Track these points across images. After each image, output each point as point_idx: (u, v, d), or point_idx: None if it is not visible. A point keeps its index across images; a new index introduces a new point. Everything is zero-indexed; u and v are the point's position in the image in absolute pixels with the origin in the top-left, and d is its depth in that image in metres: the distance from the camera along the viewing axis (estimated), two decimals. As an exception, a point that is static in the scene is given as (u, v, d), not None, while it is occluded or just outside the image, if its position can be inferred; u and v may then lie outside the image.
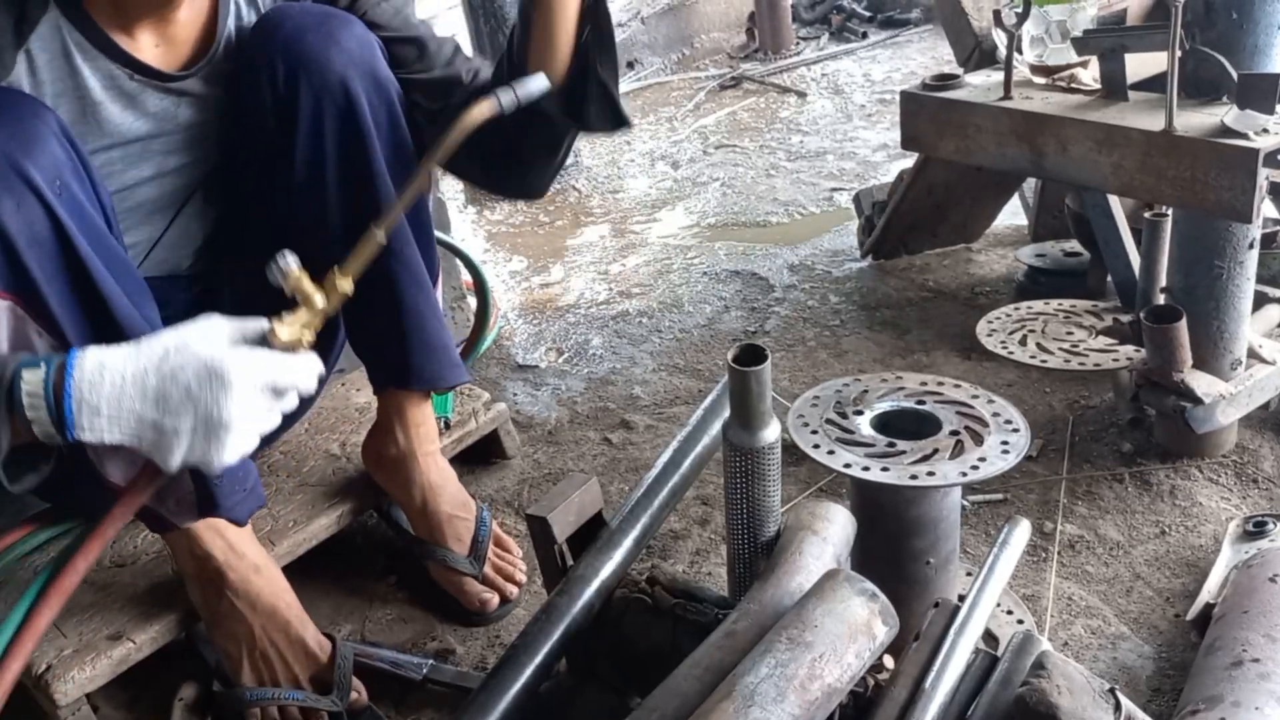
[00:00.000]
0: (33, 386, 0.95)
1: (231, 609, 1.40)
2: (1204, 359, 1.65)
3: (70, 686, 1.34)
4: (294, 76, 1.31)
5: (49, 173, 1.09)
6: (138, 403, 0.96)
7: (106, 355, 0.98)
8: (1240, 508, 1.64)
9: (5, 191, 1.05)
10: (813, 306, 2.48)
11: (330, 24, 1.33)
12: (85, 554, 1.15)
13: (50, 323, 1.10)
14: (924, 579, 1.30)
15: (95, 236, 1.14)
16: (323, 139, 1.33)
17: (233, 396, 0.97)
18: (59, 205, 1.09)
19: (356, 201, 1.37)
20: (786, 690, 0.91)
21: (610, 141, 4.00)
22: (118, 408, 0.96)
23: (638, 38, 4.94)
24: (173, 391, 0.97)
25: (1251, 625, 1.24)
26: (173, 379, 0.97)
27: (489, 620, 1.57)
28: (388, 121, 1.36)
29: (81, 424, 0.95)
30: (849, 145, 3.65)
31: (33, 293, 1.09)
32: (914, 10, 5.20)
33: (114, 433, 0.97)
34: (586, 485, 1.27)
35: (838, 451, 1.23)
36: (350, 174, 1.35)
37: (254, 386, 0.99)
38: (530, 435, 2.06)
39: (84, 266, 1.12)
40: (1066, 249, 2.38)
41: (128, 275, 1.20)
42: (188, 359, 0.97)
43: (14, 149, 1.06)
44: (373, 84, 1.34)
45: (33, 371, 0.95)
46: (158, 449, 0.99)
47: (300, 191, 1.36)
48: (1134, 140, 1.48)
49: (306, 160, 1.34)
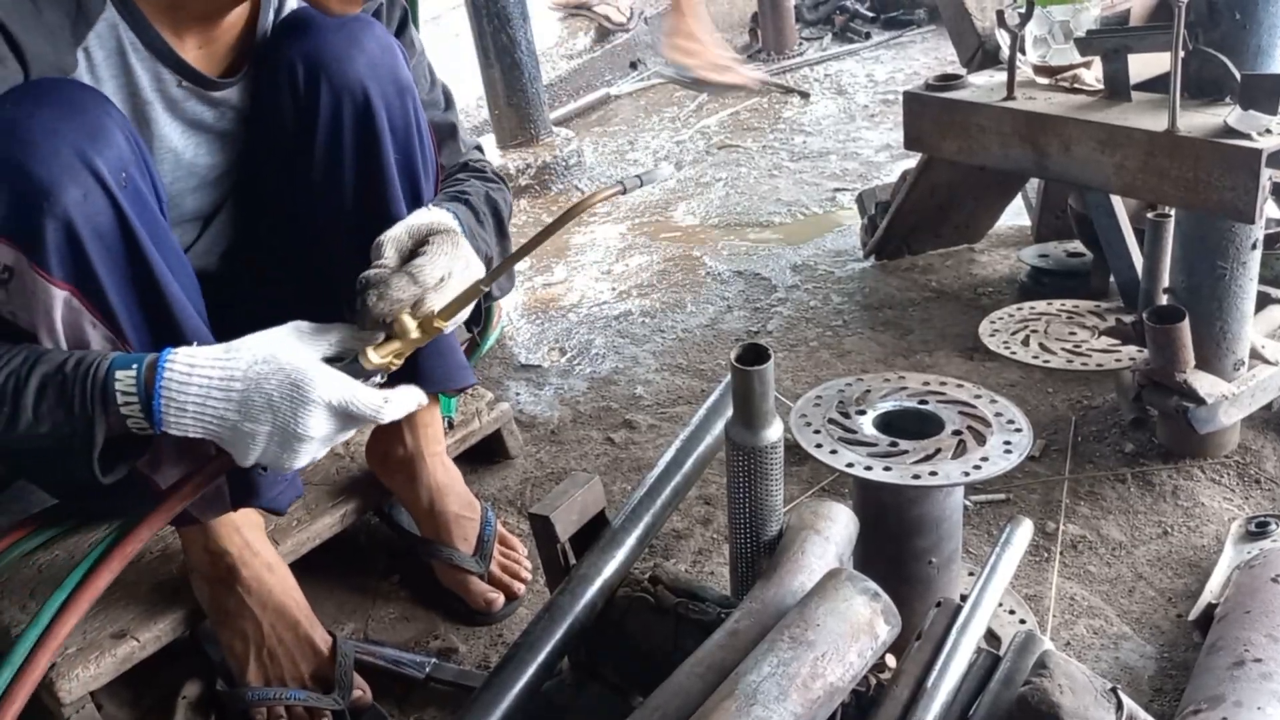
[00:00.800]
0: (126, 385, 1.04)
1: (241, 606, 1.40)
2: (1207, 359, 1.65)
3: (74, 684, 1.34)
4: (314, 77, 1.30)
5: (115, 165, 1.09)
6: (222, 405, 1.05)
7: (197, 357, 1.05)
8: (1243, 508, 1.64)
9: (72, 182, 1.05)
10: (815, 306, 2.48)
11: (352, 27, 1.33)
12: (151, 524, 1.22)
13: (107, 314, 1.11)
14: (926, 578, 1.30)
15: (155, 230, 1.15)
16: (341, 140, 1.33)
17: (312, 412, 1.05)
18: (123, 198, 1.10)
19: (369, 206, 1.36)
20: (789, 689, 0.91)
21: (613, 141, 4.00)
22: (202, 408, 1.05)
23: (641, 38, 4.94)
24: (256, 399, 1.05)
25: (1254, 625, 1.24)
26: (257, 387, 1.05)
27: (494, 619, 1.58)
28: (404, 127, 1.36)
29: (169, 420, 1.04)
30: (852, 145, 3.65)
31: (93, 284, 1.09)
32: (917, 11, 5.20)
33: (197, 429, 1.05)
34: (589, 484, 1.27)
35: (840, 451, 1.23)
36: (366, 178, 1.35)
37: (331, 407, 1.06)
38: (533, 435, 2.06)
39: (145, 260, 1.12)
40: (1069, 249, 2.38)
41: (182, 269, 1.20)
42: (274, 369, 1.05)
43: (82, 140, 1.06)
44: (393, 88, 1.34)
45: (125, 371, 1.04)
46: (235, 447, 1.07)
47: (318, 191, 1.36)
48: (1137, 141, 1.48)
49: (324, 160, 1.34)
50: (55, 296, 1.07)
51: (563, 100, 4.48)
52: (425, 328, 1.11)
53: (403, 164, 1.37)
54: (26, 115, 1.05)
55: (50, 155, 1.04)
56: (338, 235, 1.39)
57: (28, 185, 1.03)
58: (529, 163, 3.51)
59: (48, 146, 1.04)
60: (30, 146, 1.04)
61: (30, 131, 1.04)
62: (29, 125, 1.05)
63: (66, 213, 1.05)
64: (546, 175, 3.54)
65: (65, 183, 1.04)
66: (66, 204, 1.04)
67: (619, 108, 4.48)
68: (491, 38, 3.44)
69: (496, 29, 3.42)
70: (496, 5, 3.39)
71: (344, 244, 1.39)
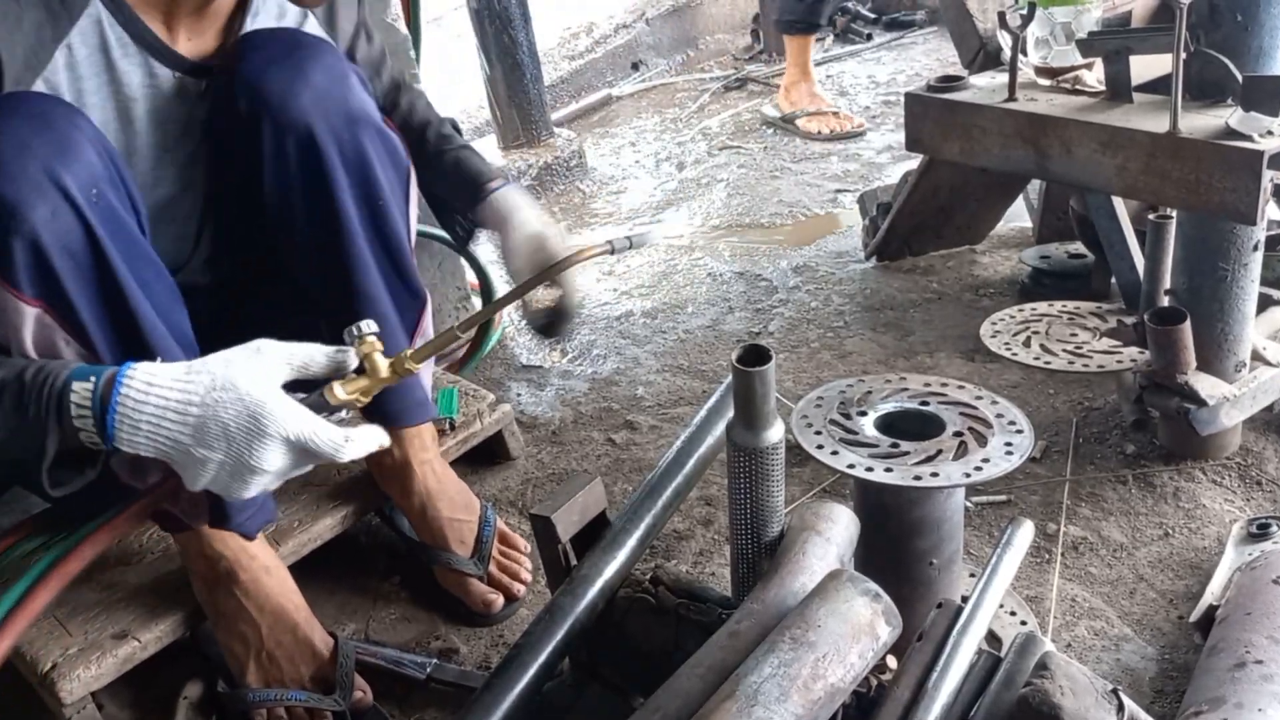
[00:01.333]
0: (81, 397, 1.00)
1: (240, 609, 1.40)
2: (1208, 361, 1.65)
3: (75, 685, 1.34)
4: (256, 115, 1.28)
5: (85, 180, 1.09)
6: (176, 428, 1.00)
7: (156, 375, 1.01)
8: (1244, 510, 1.64)
9: (40, 200, 1.05)
10: (816, 308, 2.48)
11: (297, 55, 1.30)
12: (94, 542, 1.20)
13: (79, 331, 1.11)
14: (927, 580, 1.30)
15: (128, 244, 1.14)
16: (288, 178, 1.31)
17: (266, 446, 1.01)
18: (93, 214, 1.09)
19: (325, 241, 1.35)
20: (790, 690, 0.91)
21: (614, 142, 4.00)
22: (156, 428, 1.00)
23: (643, 39, 4.94)
24: (212, 426, 1.00)
25: (1255, 627, 1.24)
26: (214, 415, 1.00)
27: (494, 621, 1.58)
28: (356, 157, 1.33)
29: (122, 436, 1.00)
30: (853, 147, 3.64)
31: (63, 301, 1.09)
32: (919, 12, 5.20)
33: (149, 448, 1.01)
34: (590, 485, 1.27)
35: (841, 452, 1.23)
36: (317, 214, 1.34)
37: (288, 441, 1.02)
38: (534, 435, 2.06)
39: (115, 277, 1.12)
40: (1071, 251, 2.38)
41: (160, 281, 1.20)
42: (231, 399, 1.00)
43: (51, 156, 1.06)
44: (342, 120, 1.31)
45: (83, 383, 1.00)
46: (185, 470, 1.03)
47: (272, 223, 1.36)
48: (1138, 142, 1.48)
49: (273, 198, 1.33)
50: (26, 314, 1.07)
51: (564, 101, 4.48)
52: (396, 368, 1.08)
53: (359, 196, 1.35)
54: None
55: (18, 173, 1.04)
56: (295, 266, 1.38)
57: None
58: (530, 163, 3.51)
59: (15, 164, 1.04)
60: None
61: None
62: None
63: (34, 231, 1.04)
64: (548, 176, 3.54)
65: (33, 201, 1.04)
66: (34, 222, 1.04)
67: (620, 109, 4.48)
68: (493, 39, 3.44)
69: (498, 30, 3.42)
70: (498, 6, 3.39)
71: (303, 275, 1.39)
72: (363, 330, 1.07)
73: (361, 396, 1.08)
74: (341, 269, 1.37)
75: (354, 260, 1.37)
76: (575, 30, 4.81)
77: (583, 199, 3.49)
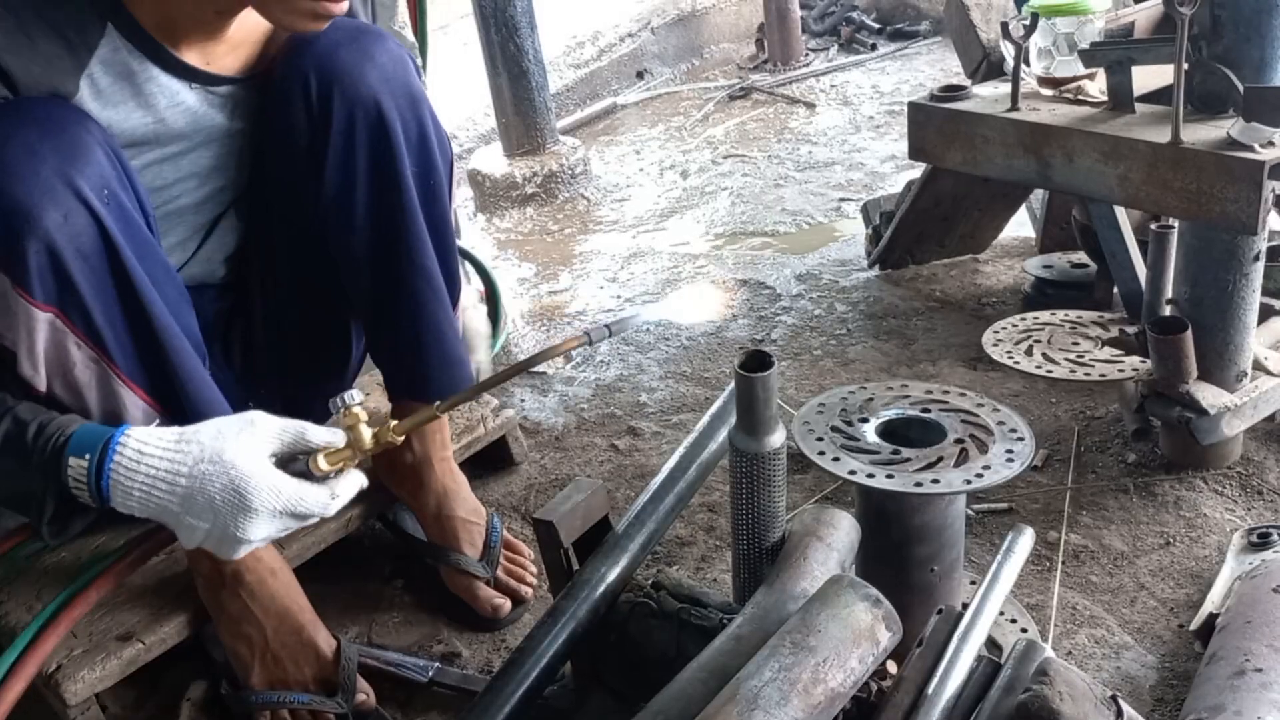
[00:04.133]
0: (77, 472, 1.06)
1: (245, 611, 1.41)
2: (1209, 371, 1.66)
3: (80, 686, 1.35)
4: (327, 90, 1.31)
5: (97, 183, 1.09)
6: (166, 496, 1.05)
7: (148, 444, 1.06)
8: (1244, 519, 1.64)
9: (53, 204, 1.05)
10: (819, 315, 2.49)
11: (363, 39, 1.34)
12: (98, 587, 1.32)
13: (92, 334, 1.12)
14: (928, 586, 1.30)
15: (140, 245, 1.15)
16: (354, 154, 1.34)
17: (252, 519, 1.06)
18: (107, 216, 1.10)
19: (385, 216, 1.38)
20: (790, 694, 0.91)
21: (619, 150, 4.02)
22: (147, 496, 1.06)
23: (648, 48, 4.96)
24: (199, 498, 1.05)
25: (1254, 635, 1.24)
26: (201, 488, 1.04)
27: (501, 625, 1.58)
28: (418, 138, 1.37)
29: (115, 500, 1.06)
30: (857, 156, 3.66)
31: (77, 306, 1.10)
32: (922, 23, 5.21)
33: (142, 511, 1.07)
34: (593, 490, 1.27)
35: (843, 458, 1.24)
36: (379, 190, 1.36)
37: (274, 512, 1.06)
38: (537, 441, 2.07)
39: (129, 278, 1.13)
40: (1073, 260, 2.39)
41: (169, 282, 1.21)
42: (218, 473, 1.04)
43: (63, 160, 1.07)
44: (406, 100, 1.35)
45: (78, 459, 1.05)
46: (178, 531, 1.09)
47: (330, 206, 1.37)
48: (1141, 152, 1.49)
49: (337, 175, 1.35)
50: (38, 319, 1.08)
51: (569, 109, 4.49)
52: (379, 438, 1.11)
53: (418, 174, 1.38)
54: (4, 137, 1.05)
55: (30, 176, 1.04)
56: (350, 245, 1.40)
57: (8, 208, 1.03)
58: (535, 171, 3.53)
59: (27, 168, 1.05)
60: (9, 168, 1.04)
61: (9, 152, 1.05)
62: (7, 146, 1.05)
63: (48, 235, 1.05)
64: (553, 183, 3.55)
65: (46, 205, 1.05)
66: (48, 226, 1.05)
67: (625, 117, 4.50)
68: (499, 46, 3.45)
69: (504, 38, 3.43)
70: (504, 14, 3.40)
71: (357, 253, 1.40)
72: (347, 401, 1.10)
73: (345, 465, 1.11)
74: (400, 244, 1.39)
75: (413, 236, 1.39)
76: (581, 39, 4.82)
77: (587, 206, 3.50)
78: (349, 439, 1.10)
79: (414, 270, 1.42)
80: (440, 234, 1.44)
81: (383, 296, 1.43)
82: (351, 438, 1.10)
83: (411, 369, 1.50)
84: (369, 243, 1.39)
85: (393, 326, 1.47)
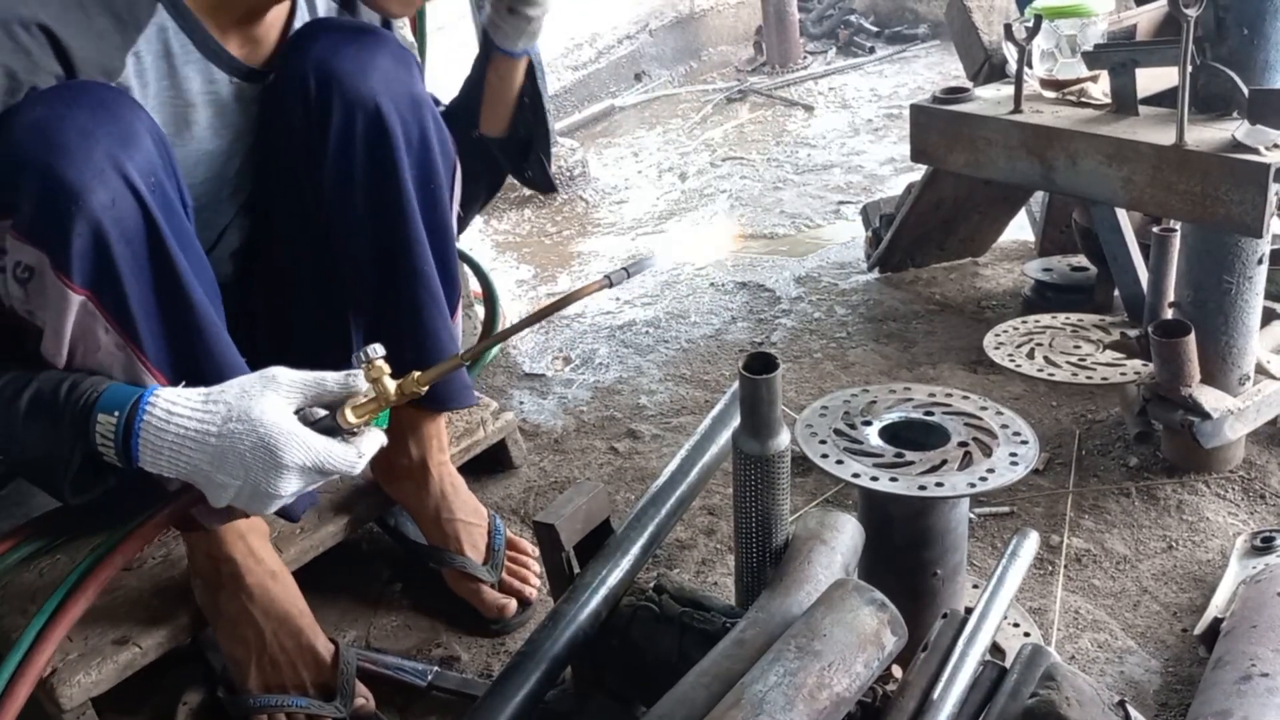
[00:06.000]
0: (105, 429, 1.05)
1: (244, 613, 1.39)
2: (1212, 374, 1.65)
3: (75, 691, 1.34)
4: (326, 90, 1.30)
5: (145, 169, 1.09)
6: (196, 454, 1.05)
7: (176, 404, 1.05)
8: (1247, 523, 1.64)
9: (102, 186, 1.04)
10: (819, 318, 2.48)
11: (366, 40, 1.33)
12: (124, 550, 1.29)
13: (124, 320, 1.10)
14: (931, 590, 1.29)
15: (182, 235, 1.14)
16: (352, 156, 1.33)
17: (282, 474, 1.05)
18: (153, 202, 1.09)
19: (382, 220, 1.37)
20: (795, 699, 0.90)
21: (617, 152, 4.01)
22: (177, 454, 1.05)
23: (646, 50, 4.96)
24: (229, 456, 1.04)
25: (1260, 640, 1.23)
26: (231, 446, 1.04)
27: (509, 627, 1.56)
28: (419, 142, 1.36)
29: (145, 459, 1.05)
30: (856, 159, 3.65)
31: (113, 289, 1.09)
32: (921, 26, 5.21)
33: (172, 470, 1.06)
34: (594, 493, 1.27)
35: (846, 461, 1.23)
36: (378, 193, 1.35)
37: (303, 467, 1.06)
38: (537, 444, 2.06)
39: (171, 264, 1.12)
40: (1073, 264, 2.38)
41: (203, 274, 1.20)
42: (247, 430, 1.04)
43: (114, 144, 1.06)
44: (407, 103, 1.34)
45: (107, 415, 1.05)
46: (208, 491, 1.08)
47: (328, 206, 1.36)
48: (1144, 155, 1.48)
49: (335, 176, 1.34)
50: (71, 301, 1.07)
51: (568, 111, 4.49)
52: (404, 389, 1.11)
53: (418, 179, 1.37)
54: (58, 117, 1.05)
55: (82, 158, 1.04)
56: (349, 248, 1.39)
57: (58, 188, 1.03)
58: (534, 172, 3.51)
59: (80, 149, 1.04)
60: (61, 149, 1.03)
61: (62, 133, 1.04)
62: (61, 127, 1.04)
63: (94, 217, 1.04)
64: (551, 185, 3.54)
65: (95, 187, 1.04)
66: (95, 208, 1.04)
67: (623, 119, 4.49)
68: (497, 48, 3.44)
69: (502, 39, 3.42)
70: (503, 16, 3.39)
71: (356, 256, 1.39)
72: (370, 355, 1.09)
73: (373, 417, 1.11)
74: (398, 248, 1.38)
75: (411, 240, 1.38)
76: (579, 40, 4.82)
77: (585, 208, 3.49)
78: (375, 391, 1.10)
79: (412, 275, 1.40)
80: (440, 239, 1.43)
81: (381, 299, 1.42)
82: (377, 390, 1.10)
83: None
84: (367, 246, 1.38)
85: (391, 329, 1.46)
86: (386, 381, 1.10)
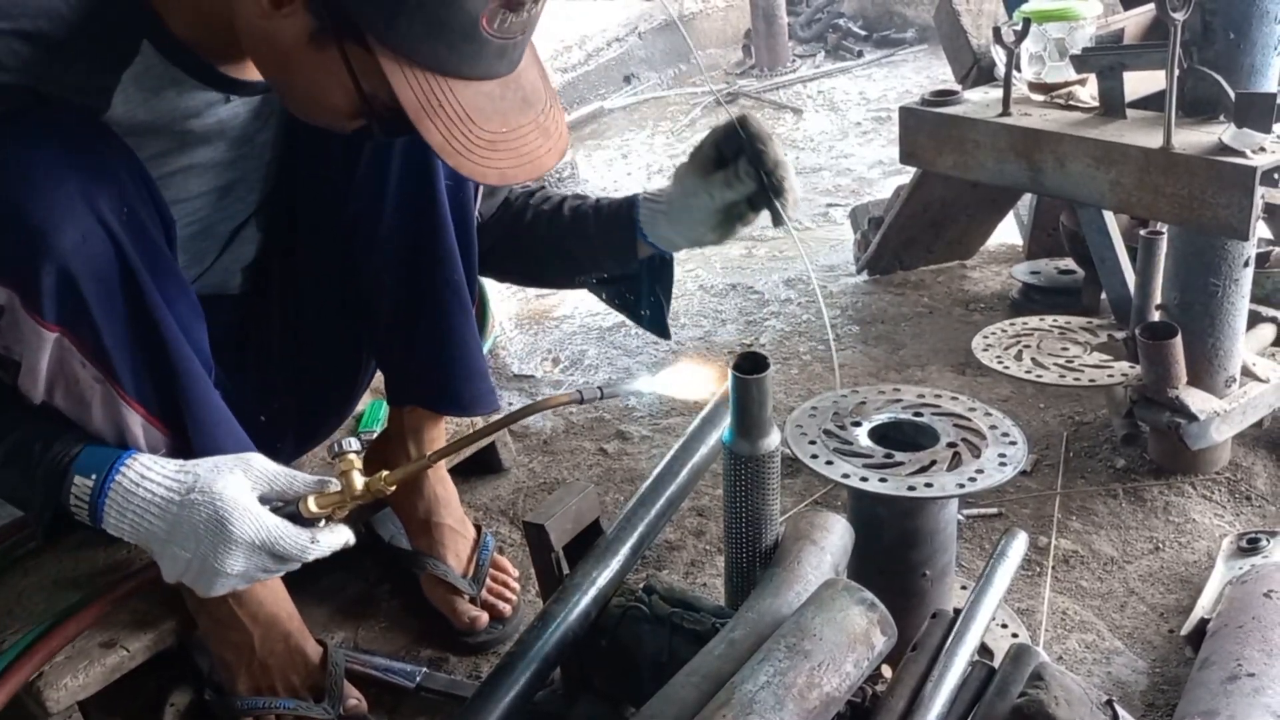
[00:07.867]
0: (80, 490, 1.08)
1: (232, 616, 1.38)
2: (1198, 376, 1.66)
3: (62, 694, 1.32)
4: None
5: (116, 203, 1.08)
6: (157, 522, 1.08)
7: (150, 470, 1.09)
8: (1234, 524, 1.65)
9: (71, 225, 1.04)
10: (808, 320, 2.48)
11: None
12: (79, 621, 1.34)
13: (99, 355, 1.10)
14: (920, 591, 1.30)
15: (155, 261, 1.13)
16: (388, 164, 1.33)
17: (230, 550, 1.07)
18: (125, 237, 1.08)
19: (415, 231, 1.37)
20: (785, 698, 0.90)
21: (606, 154, 4.02)
22: (140, 519, 1.08)
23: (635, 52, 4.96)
24: (184, 526, 1.07)
25: (1246, 640, 1.24)
26: (188, 515, 1.07)
27: (480, 643, 1.55)
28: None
29: (108, 521, 1.09)
30: (844, 161, 3.67)
31: (86, 326, 1.08)
32: (909, 30, 5.23)
33: (132, 536, 1.09)
34: (584, 493, 1.27)
35: (836, 462, 1.23)
36: (410, 201, 1.35)
37: (254, 547, 1.08)
38: (525, 445, 2.06)
39: (142, 300, 1.11)
40: (1060, 266, 2.39)
41: (183, 298, 1.19)
42: (205, 501, 1.07)
43: (85, 179, 1.05)
44: None
45: (84, 478, 1.08)
46: (162, 562, 1.11)
47: (357, 217, 1.36)
48: (1132, 157, 1.49)
49: (367, 187, 1.34)
50: (45, 338, 1.06)
51: (556, 113, 4.49)
52: (371, 487, 1.12)
53: (452, 188, 1.37)
54: (27, 153, 1.03)
55: (50, 195, 1.03)
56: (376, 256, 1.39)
57: (26, 226, 1.02)
58: (522, 174, 3.51)
59: (49, 187, 1.03)
60: (30, 186, 1.02)
61: (31, 169, 1.03)
62: (29, 163, 1.03)
63: (63, 257, 1.04)
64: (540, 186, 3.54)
65: (64, 226, 1.03)
66: (64, 247, 1.03)
67: (612, 121, 4.50)
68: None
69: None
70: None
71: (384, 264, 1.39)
72: (345, 447, 1.12)
73: (336, 510, 1.13)
74: (431, 257, 1.39)
75: (444, 250, 1.39)
76: (568, 43, 4.82)
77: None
78: (342, 484, 1.12)
79: (443, 284, 1.41)
80: (467, 246, 1.43)
81: (407, 306, 1.41)
82: (343, 483, 1.12)
83: (430, 379, 1.48)
84: (396, 259, 1.39)
85: (413, 335, 1.44)
86: (355, 476, 1.12)
